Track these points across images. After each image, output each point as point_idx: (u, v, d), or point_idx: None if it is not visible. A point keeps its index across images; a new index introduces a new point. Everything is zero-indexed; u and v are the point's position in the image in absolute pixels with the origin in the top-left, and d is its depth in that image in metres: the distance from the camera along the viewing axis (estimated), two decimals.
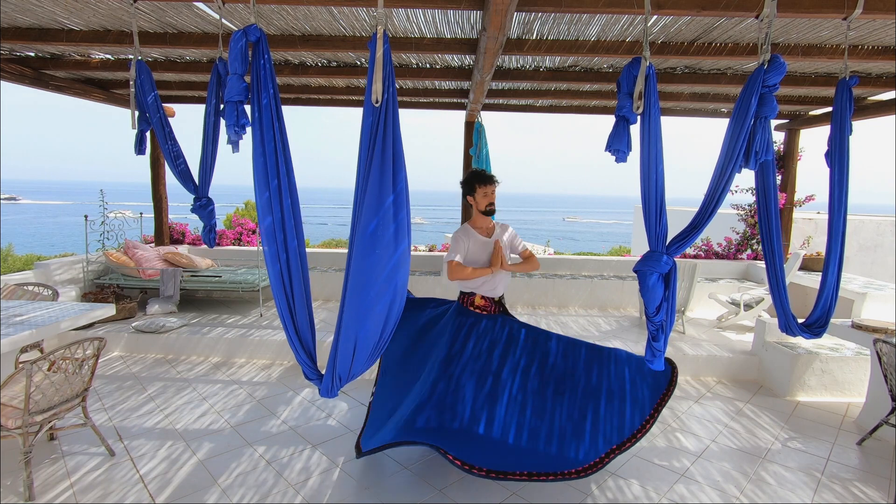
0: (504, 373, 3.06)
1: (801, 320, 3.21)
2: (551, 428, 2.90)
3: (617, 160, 2.60)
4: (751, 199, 7.62)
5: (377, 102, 2.13)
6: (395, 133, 2.19)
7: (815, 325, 3.17)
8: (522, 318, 5.93)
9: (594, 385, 3.05)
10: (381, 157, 2.17)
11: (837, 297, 3.15)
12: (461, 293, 3.36)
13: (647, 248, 2.59)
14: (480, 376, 3.03)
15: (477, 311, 3.28)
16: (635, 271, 2.62)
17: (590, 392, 3.03)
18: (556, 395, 3.02)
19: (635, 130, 2.57)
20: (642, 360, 3.08)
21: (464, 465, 2.66)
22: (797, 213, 8.30)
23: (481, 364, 3.07)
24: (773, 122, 6.66)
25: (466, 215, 6.89)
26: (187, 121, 8.18)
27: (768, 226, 2.96)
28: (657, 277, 2.54)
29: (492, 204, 3.28)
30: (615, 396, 3.01)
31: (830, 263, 3.08)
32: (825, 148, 3.12)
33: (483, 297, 3.29)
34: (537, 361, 3.14)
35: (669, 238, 2.58)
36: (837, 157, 2.98)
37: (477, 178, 3.29)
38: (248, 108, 2.47)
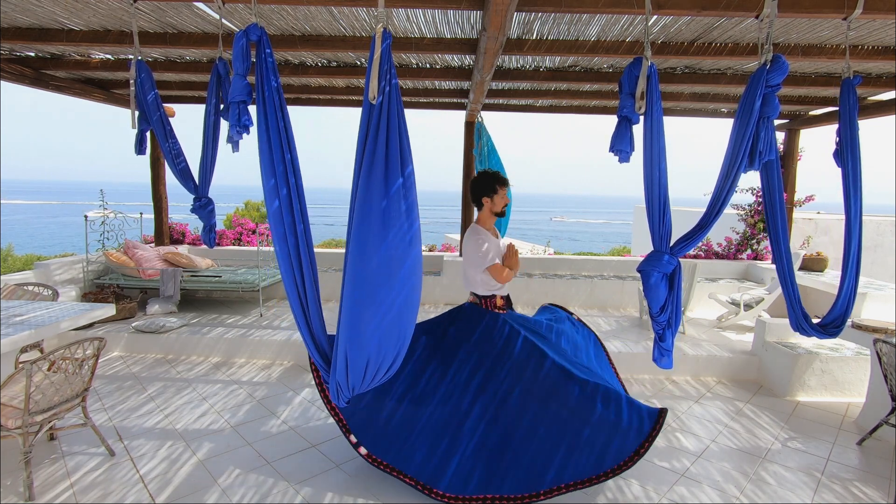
0: (473, 414, 2.90)
1: (816, 320, 3.20)
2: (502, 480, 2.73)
3: (620, 160, 2.60)
4: (751, 199, 7.62)
5: (374, 100, 2.13)
6: (388, 133, 2.13)
7: (831, 326, 3.14)
8: None
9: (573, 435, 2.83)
10: (370, 159, 2.12)
11: (856, 296, 3.12)
12: (480, 297, 3.24)
13: (647, 248, 2.60)
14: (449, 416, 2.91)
15: (498, 310, 3.23)
16: (639, 271, 2.62)
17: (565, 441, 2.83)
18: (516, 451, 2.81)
19: (638, 130, 2.57)
20: (629, 416, 2.88)
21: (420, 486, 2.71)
22: (797, 213, 8.31)
23: (453, 403, 2.95)
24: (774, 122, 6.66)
25: (467, 216, 6.89)
26: (187, 121, 8.18)
27: (775, 225, 2.95)
28: (660, 277, 2.54)
29: (507, 205, 3.30)
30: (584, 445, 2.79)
31: (849, 264, 3.05)
32: (829, 147, 3.10)
33: (502, 297, 3.28)
34: (515, 396, 2.92)
35: (676, 238, 2.57)
36: (849, 155, 2.96)
37: (497, 180, 3.23)
38: (251, 107, 2.48)
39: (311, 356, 2.53)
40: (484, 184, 3.25)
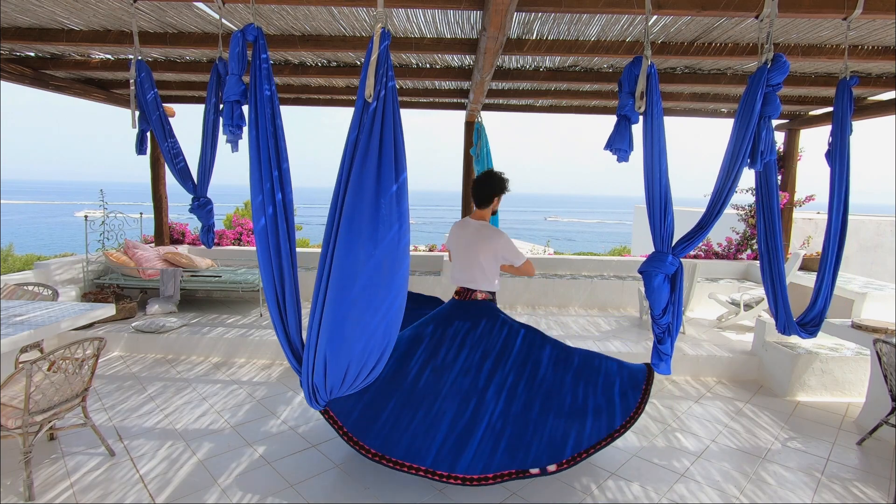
0: (489, 393, 2.96)
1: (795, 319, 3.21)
2: (526, 454, 2.77)
3: (619, 159, 2.59)
4: (751, 199, 7.62)
5: (370, 98, 2.11)
6: (383, 137, 2.10)
7: (810, 325, 3.16)
8: (522, 319, 5.94)
9: (580, 405, 2.98)
10: (362, 162, 2.09)
11: (832, 296, 3.14)
12: (494, 294, 3.36)
13: (647, 248, 2.59)
14: (464, 397, 2.94)
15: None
16: (640, 272, 2.61)
17: (575, 412, 2.96)
18: (538, 417, 2.92)
19: (637, 130, 2.56)
20: (620, 370, 3.11)
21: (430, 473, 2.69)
22: (797, 213, 8.30)
23: (469, 381, 3.00)
24: (774, 122, 6.67)
25: (467, 216, 6.89)
26: (187, 121, 8.18)
27: (770, 225, 2.95)
28: (663, 278, 2.53)
29: None
30: (592, 412, 2.96)
31: (826, 263, 3.07)
32: (825, 148, 3.12)
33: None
34: (527, 375, 3.06)
35: (676, 238, 2.57)
36: (838, 156, 2.98)
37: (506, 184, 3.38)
38: (245, 108, 2.47)
39: (288, 360, 2.50)
40: (501, 183, 3.34)
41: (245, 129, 2.47)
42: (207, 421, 3.65)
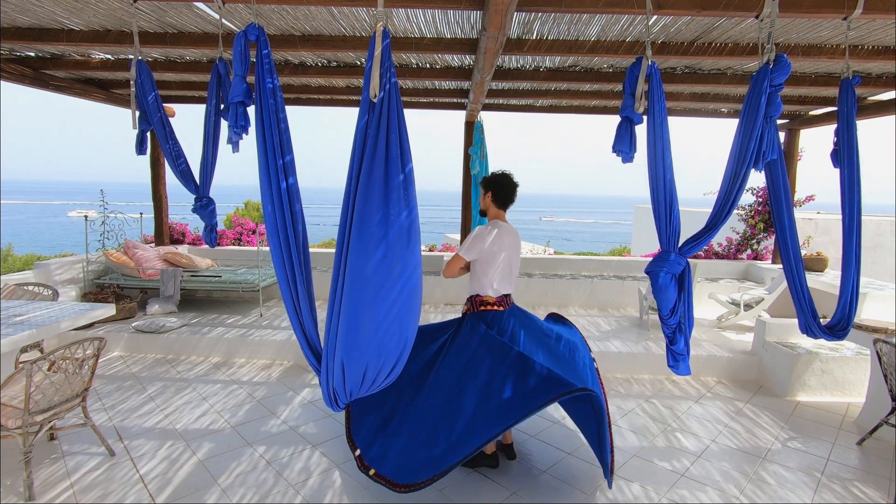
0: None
1: (824, 321, 3.17)
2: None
3: (623, 160, 2.60)
4: (751, 199, 7.63)
5: (375, 97, 2.12)
6: (388, 132, 2.12)
7: (838, 328, 3.12)
8: None
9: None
10: (371, 158, 2.11)
11: (859, 297, 3.10)
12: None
13: (648, 249, 2.60)
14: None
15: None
16: (647, 272, 2.60)
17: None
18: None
19: (641, 130, 2.56)
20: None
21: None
22: (797, 213, 8.29)
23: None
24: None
25: (467, 216, 6.90)
26: (187, 121, 8.18)
27: (782, 225, 2.93)
28: (669, 278, 2.53)
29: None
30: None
31: (849, 264, 3.03)
32: (830, 147, 3.10)
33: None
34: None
35: (684, 239, 2.57)
36: (846, 156, 2.95)
37: None
38: (250, 108, 2.49)
39: (307, 359, 2.52)
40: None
41: (248, 129, 2.50)
42: (207, 421, 3.65)
